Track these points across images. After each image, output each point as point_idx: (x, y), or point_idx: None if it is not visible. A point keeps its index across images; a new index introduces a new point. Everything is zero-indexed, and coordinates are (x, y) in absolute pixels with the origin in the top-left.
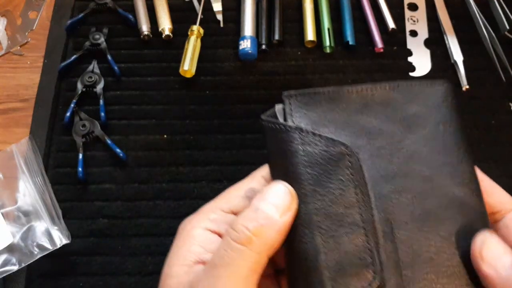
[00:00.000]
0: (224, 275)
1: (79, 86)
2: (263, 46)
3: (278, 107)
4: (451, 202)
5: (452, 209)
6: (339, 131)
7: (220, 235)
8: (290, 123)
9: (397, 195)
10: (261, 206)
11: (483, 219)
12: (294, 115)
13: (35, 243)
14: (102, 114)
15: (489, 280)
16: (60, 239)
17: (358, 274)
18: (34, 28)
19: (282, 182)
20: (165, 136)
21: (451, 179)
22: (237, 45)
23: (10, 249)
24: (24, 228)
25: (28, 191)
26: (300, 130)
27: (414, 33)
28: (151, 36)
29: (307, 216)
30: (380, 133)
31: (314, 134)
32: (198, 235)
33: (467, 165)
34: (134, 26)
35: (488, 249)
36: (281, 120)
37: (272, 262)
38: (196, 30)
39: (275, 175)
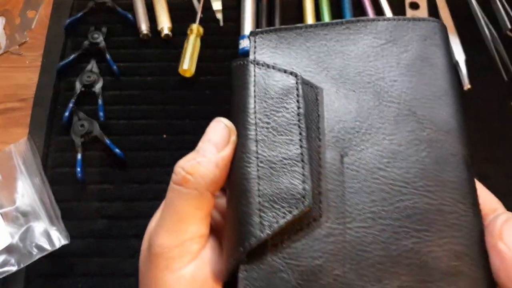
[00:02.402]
0: (166, 214)
1: (78, 85)
2: None
3: None
4: (417, 140)
5: (417, 147)
6: (302, 67)
7: None
8: (250, 58)
9: (356, 130)
10: (200, 145)
11: (455, 162)
12: (257, 52)
13: (34, 244)
14: (101, 113)
15: (505, 260)
16: (59, 239)
17: (289, 201)
18: (32, 27)
19: (220, 118)
20: (165, 136)
21: (420, 116)
22: (237, 44)
23: (9, 249)
24: (23, 229)
25: (27, 191)
26: (256, 63)
27: None
28: (150, 35)
29: (247, 143)
30: (346, 69)
31: (268, 66)
32: None
33: (445, 103)
34: (133, 25)
35: (510, 232)
36: None
37: None
38: (195, 29)
39: (231, 113)
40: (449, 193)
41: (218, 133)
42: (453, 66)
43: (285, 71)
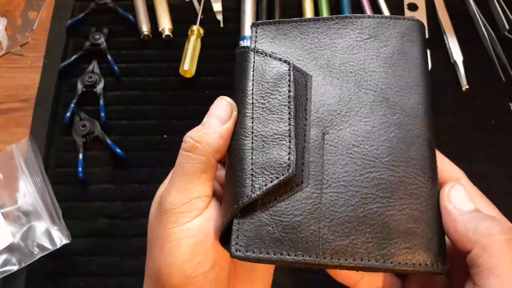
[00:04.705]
0: (176, 176)
1: (79, 86)
2: None
3: None
4: (388, 123)
5: (387, 129)
6: (295, 56)
7: None
8: (251, 46)
9: (338, 112)
10: (206, 119)
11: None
12: (258, 41)
13: (35, 243)
14: (102, 114)
15: (451, 216)
16: (60, 239)
17: (276, 168)
18: (34, 28)
19: (223, 97)
20: (165, 136)
21: (392, 103)
22: (237, 45)
23: (10, 249)
24: (24, 228)
25: (28, 191)
26: (256, 51)
27: None
28: (151, 36)
29: (245, 120)
30: (333, 59)
31: (265, 54)
32: None
33: (415, 93)
34: (134, 26)
35: (455, 194)
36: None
37: None
38: (196, 30)
39: (233, 92)
40: (411, 167)
41: (222, 109)
42: (426, 60)
43: (280, 59)
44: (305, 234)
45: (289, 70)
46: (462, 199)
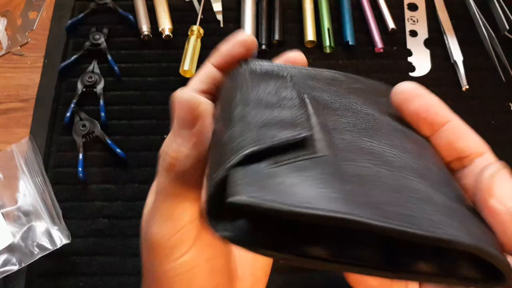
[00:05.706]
0: (159, 199)
1: (79, 86)
2: (263, 46)
3: None
4: (394, 128)
5: (396, 132)
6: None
7: None
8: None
9: (338, 115)
10: (174, 124)
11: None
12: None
13: (35, 243)
14: (102, 114)
15: (495, 215)
16: (60, 239)
17: (287, 127)
18: (34, 28)
19: (181, 90)
20: (165, 136)
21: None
22: None
23: (10, 249)
24: (24, 228)
25: (28, 191)
26: (250, 67)
27: (414, 33)
28: (151, 36)
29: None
30: (325, 91)
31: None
32: None
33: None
34: (134, 26)
35: (501, 184)
36: None
37: None
38: (196, 30)
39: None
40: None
41: (182, 107)
42: None
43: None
44: (327, 189)
45: (287, 77)
46: (510, 191)
